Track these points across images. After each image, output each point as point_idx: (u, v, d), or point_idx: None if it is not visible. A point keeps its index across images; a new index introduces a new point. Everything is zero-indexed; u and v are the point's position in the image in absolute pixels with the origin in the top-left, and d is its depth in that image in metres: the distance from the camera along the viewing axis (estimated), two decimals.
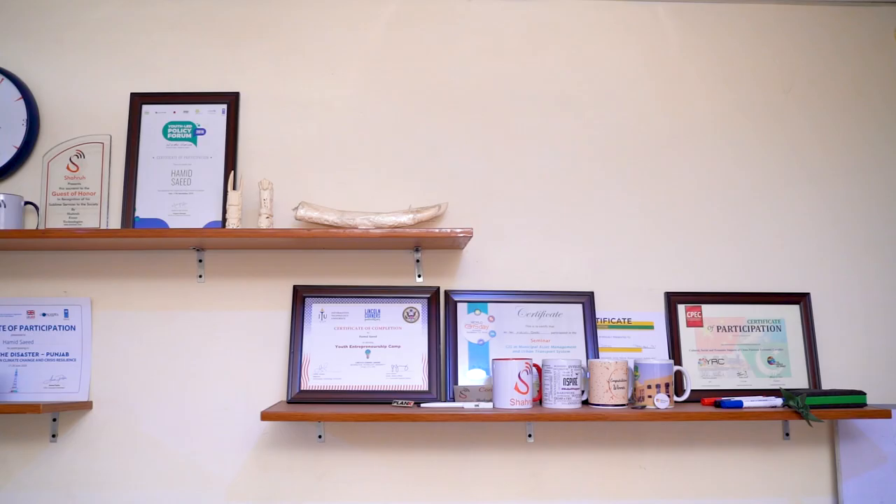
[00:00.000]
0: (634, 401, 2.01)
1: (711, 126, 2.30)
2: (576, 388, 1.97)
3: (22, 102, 2.21)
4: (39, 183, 2.21)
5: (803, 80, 2.33)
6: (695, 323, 2.20)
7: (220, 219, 2.16)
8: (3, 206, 2.07)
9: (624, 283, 2.22)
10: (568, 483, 2.13)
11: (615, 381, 1.97)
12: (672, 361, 2.00)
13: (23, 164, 2.22)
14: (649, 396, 1.97)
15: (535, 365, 2.02)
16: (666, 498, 2.13)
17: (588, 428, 2.14)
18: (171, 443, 2.13)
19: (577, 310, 2.18)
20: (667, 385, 1.97)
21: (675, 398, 2.03)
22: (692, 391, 2.07)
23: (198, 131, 2.21)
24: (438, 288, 2.16)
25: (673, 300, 2.21)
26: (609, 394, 1.97)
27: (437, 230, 1.96)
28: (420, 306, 2.15)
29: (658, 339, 2.19)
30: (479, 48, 2.30)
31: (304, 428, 2.12)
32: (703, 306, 2.21)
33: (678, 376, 2.08)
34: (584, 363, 2.09)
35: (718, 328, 2.20)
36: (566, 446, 2.14)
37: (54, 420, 2.12)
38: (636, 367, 2.00)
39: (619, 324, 2.20)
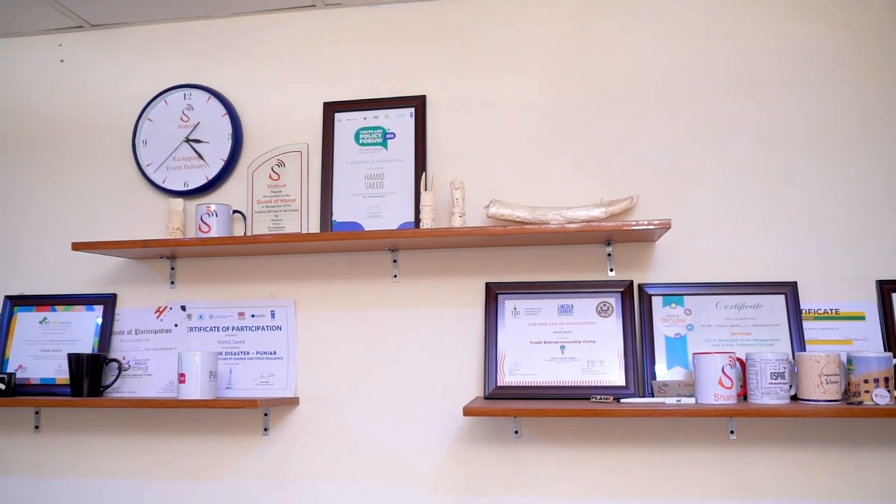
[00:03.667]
0: (849, 396, 1.89)
1: None
2: (784, 383, 1.88)
3: (227, 118, 2.36)
4: (245, 192, 2.35)
5: None
6: None
7: (412, 219, 2.22)
8: (214, 215, 2.21)
9: (829, 272, 2.10)
10: (775, 482, 2.04)
11: (827, 375, 1.87)
12: (890, 354, 1.87)
13: (229, 175, 2.38)
14: (866, 391, 1.85)
15: (738, 359, 1.95)
16: (888, 500, 1.99)
17: (793, 424, 2.04)
18: (374, 437, 2.21)
19: (779, 301, 2.08)
20: (886, 379, 1.85)
21: None
22: None
23: (388, 135, 2.29)
24: (632, 281, 2.13)
25: (886, 288, 2.06)
26: (821, 389, 1.87)
27: (633, 223, 1.93)
28: (613, 301, 2.12)
29: (871, 331, 2.06)
30: (662, 35, 2.24)
31: (501, 423, 2.14)
32: None
33: None
34: (790, 357, 1.99)
35: None
36: (771, 443, 2.04)
37: (265, 415, 2.26)
38: (849, 361, 1.89)
39: (825, 315, 2.08)
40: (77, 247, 2.19)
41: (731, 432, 2.05)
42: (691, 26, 2.24)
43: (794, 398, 1.94)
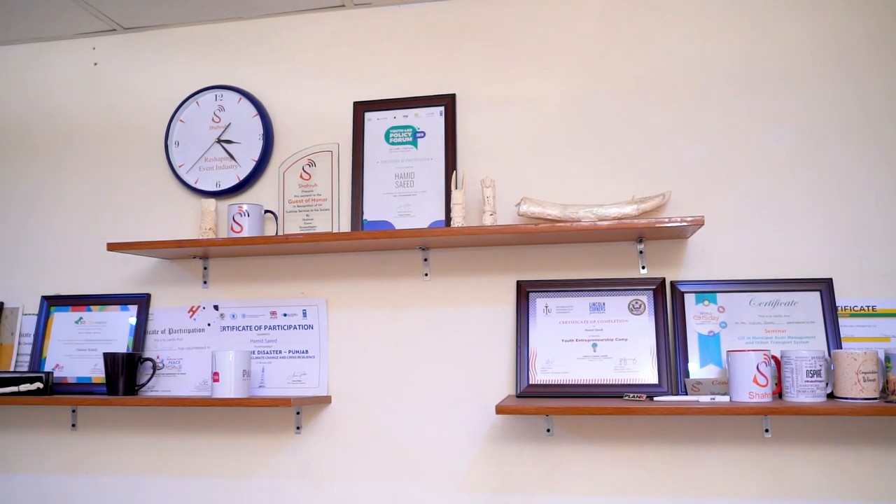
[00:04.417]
0: (887, 394, 1.87)
1: None
2: (820, 381, 1.86)
3: (258, 118, 2.38)
4: (276, 192, 2.37)
5: None
6: None
7: (442, 218, 2.22)
8: (246, 215, 2.23)
9: (866, 268, 2.07)
10: (810, 481, 2.01)
11: (865, 373, 1.84)
12: None
13: (261, 175, 2.39)
14: None
15: (773, 356, 1.93)
16: None
17: (830, 423, 2.02)
18: (405, 436, 2.21)
19: (814, 297, 2.06)
20: None
21: None
22: None
23: (418, 134, 2.29)
24: (664, 279, 2.11)
25: None
26: (858, 387, 1.84)
27: (665, 220, 1.92)
28: (646, 298, 2.11)
29: None
30: (695, 30, 2.23)
31: (533, 422, 2.14)
32: None
33: None
34: (826, 354, 1.97)
35: None
36: (807, 442, 2.02)
37: (298, 413, 2.27)
38: (887, 358, 1.86)
39: (862, 312, 2.05)
40: (112, 247, 2.21)
41: (766, 431, 2.03)
42: (723, 21, 2.22)
43: (831, 396, 1.91)
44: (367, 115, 2.33)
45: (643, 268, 2.15)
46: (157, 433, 2.36)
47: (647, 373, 2.06)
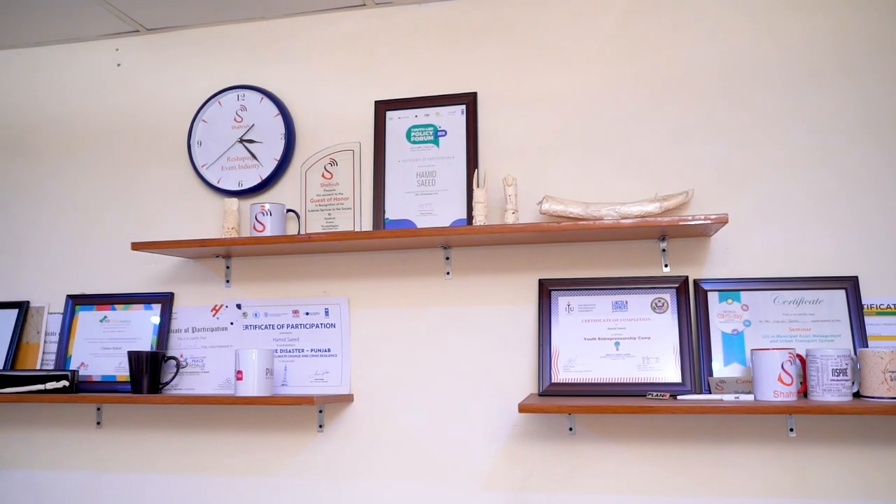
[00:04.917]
0: None
1: None
2: (846, 380, 1.84)
3: (280, 118, 2.39)
4: (298, 191, 2.38)
5: None
6: None
7: (464, 217, 2.22)
8: (269, 214, 2.24)
9: (892, 266, 2.05)
10: (835, 481, 1.99)
11: (891, 371, 1.83)
12: None
13: (283, 174, 2.40)
14: None
15: (798, 355, 1.91)
16: None
17: (855, 422, 2.00)
18: (427, 434, 2.22)
19: (839, 296, 2.04)
20: None
21: None
22: None
23: (439, 133, 2.29)
24: (687, 277, 2.10)
25: None
26: (885, 385, 1.83)
27: (689, 217, 1.91)
28: (668, 297, 2.10)
29: None
30: (718, 26, 2.21)
31: (556, 420, 2.14)
32: None
33: None
34: (852, 353, 1.95)
35: None
36: (832, 442, 2.01)
37: (320, 412, 2.28)
38: None
39: (889, 310, 2.03)
40: (136, 247, 2.23)
41: (791, 430, 2.02)
42: (745, 17, 2.20)
43: (857, 395, 1.90)
44: (389, 114, 2.33)
45: (666, 266, 2.14)
46: (181, 431, 2.38)
47: (671, 371, 2.05)
